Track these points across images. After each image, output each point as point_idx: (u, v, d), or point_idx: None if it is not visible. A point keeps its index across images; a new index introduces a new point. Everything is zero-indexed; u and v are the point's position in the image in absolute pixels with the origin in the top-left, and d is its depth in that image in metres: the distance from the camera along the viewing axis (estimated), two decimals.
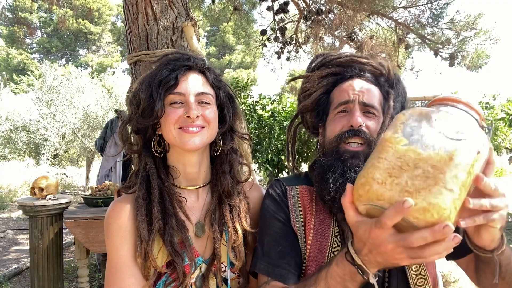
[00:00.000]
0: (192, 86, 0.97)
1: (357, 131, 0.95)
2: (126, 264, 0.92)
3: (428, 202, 0.56)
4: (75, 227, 2.49)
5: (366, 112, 0.98)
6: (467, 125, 0.63)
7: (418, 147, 0.61)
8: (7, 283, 3.78)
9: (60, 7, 6.10)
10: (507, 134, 9.15)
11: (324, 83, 1.06)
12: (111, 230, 0.95)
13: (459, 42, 5.30)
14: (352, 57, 1.05)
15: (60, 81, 9.36)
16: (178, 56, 1.02)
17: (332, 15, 5.41)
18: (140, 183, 0.99)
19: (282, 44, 6.29)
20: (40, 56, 26.96)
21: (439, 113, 0.64)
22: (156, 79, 0.96)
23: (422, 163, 0.59)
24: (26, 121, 9.41)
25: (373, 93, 1.00)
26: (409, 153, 0.61)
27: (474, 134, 0.62)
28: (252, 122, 7.89)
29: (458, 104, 0.68)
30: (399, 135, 0.64)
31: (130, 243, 0.93)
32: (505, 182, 10.22)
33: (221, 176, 1.05)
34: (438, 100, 0.71)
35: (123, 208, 0.96)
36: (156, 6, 3.42)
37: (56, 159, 11.30)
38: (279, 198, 1.03)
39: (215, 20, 6.68)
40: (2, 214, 7.70)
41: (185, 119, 0.95)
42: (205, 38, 29.16)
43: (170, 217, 0.95)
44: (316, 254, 0.95)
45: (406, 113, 0.67)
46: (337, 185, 0.92)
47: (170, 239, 0.93)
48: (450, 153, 0.59)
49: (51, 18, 25.45)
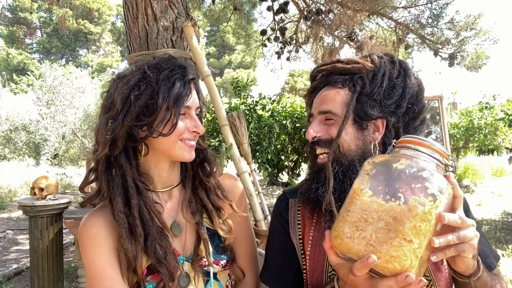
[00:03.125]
0: (194, 99, 1.00)
1: (317, 142, 0.97)
2: (105, 274, 0.91)
3: (390, 255, 0.63)
4: (75, 227, 2.49)
5: (326, 120, 0.97)
6: (425, 172, 0.66)
7: (381, 199, 0.66)
8: (7, 283, 3.79)
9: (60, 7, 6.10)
10: (507, 134, 9.16)
11: (309, 99, 1.09)
12: (84, 244, 0.94)
13: (459, 42, 5.30)
14: (318, 67, 1.05)
15: (60, 81, 9.38)
16: (183, 66, 1.01)
17: (332, 15, 5.41)
18: (117, 195, 0.93)
19: (282, 44, 6.29)
20: (40, 56, 26.98)
21: (400, 160, 0.69)
22: (173, 91, 0.92)
23: (384, 214, 0.65)
24: (26, 121, 9.42)
25: (332, 98, 0.96)
26: (373, 205, 0.67)
27: (432, 180, 0.65)
28: (252, 122, 7.89)
29: (419, 147, 0.71)
30: (365, 187, 0.69)
31: (104, 252, 0.92)
32: (505, 182, 10.22)
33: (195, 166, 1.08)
34: (401, 142, 0.74)
35: (95, 221, 0.95)
36: (156, 6, 3.42)
37: (56, 159, 11.31)
38: (279, 214, 1.08)
39: (215, 20, 6.68)
40: (2, 214, 7.70)
41: (190, 133, 0.98)
42: (205, 38, 29.17)
43: (151, 228, 0.94)
44: (315, 264, 0.98)
45: (371, 162, 0.72)
46: (303, 198, 0.98)
47: (154, 251, 0.92)
48: (409, 205, 0.64)
49: (51, 18, 25.46)
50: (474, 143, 9.40)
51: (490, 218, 6.40)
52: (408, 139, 0.73)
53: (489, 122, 8.91)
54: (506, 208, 7.01)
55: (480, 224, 5.93)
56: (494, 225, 5.78)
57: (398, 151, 0.73)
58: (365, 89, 0.94)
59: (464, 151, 10.87)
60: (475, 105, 9.86)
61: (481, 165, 10.45)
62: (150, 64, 0.97)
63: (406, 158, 0.69)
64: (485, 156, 12.01)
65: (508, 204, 7.34)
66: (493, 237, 5.10)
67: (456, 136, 9.42)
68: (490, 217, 6.43)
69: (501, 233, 5.39)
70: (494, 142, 9.10)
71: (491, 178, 10.52)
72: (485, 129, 8.96)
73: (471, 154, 11.50)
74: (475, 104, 9.87)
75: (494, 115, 9.01)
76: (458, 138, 9.48)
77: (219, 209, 1.06)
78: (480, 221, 6.15)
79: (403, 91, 0.96)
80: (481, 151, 11.44)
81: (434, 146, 0.70)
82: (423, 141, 0.71)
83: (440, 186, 0.65)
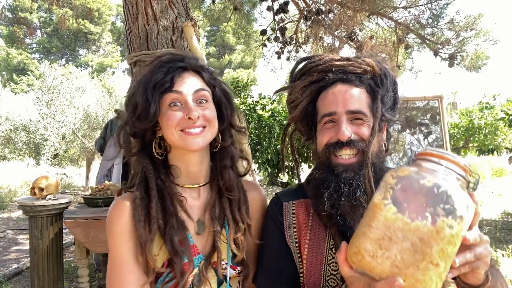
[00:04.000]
0: (188, 86, 0.97)
1: (346, 143, 0.91)
2: (127, 262, 0.93)
3: (416, 278, 0.61)
4: (75, 227, 2.49)
5: (354, 119, 0.93)
6: (452, 191, 0.63)
7: (406, 217, 0.63)
8: (7, 283, 3.79)
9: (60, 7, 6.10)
10: (507, 134, 9.16)
11: (308, 93, 1.01)
12: (113, 228, 0.96)
13: (459, 42, 5.30)
14: (331, 62, 0.98)
15: (60, 81, 9.36)
16: (171, 58, 1.02)
17: (332, 15, 5.41)
18: (138, 183, 1.00)
19: (282, 44, 6.29)
20: (40, 56, 26.97)
21: (426, 178, 0.65)
22: (151, 82, 0.96)
23: (410, 234, 0.62)
24: (26, 121, 9.41)
25: (358, 97, 0.94)
26: (397, 223, 0.63)
27: (460, 201, 0.62)
28: (252, 122, 7.89)
29: (444, 162, 0.67)
30: (388, 202, 0.65)
31: (131, 241, 0.94)
32: (505, 182, 10.22)
33: (223, 170, 1.06)
34: (425, 154, 0.71)
35: (124, 206, 0.97)
36: (156, 6, 3.42)
37: (56, 159, 11.30)
38: (274, 217, 1.05)
39: (215, 20, 6.68)
40: (2, 214, 7.70)
41: (186, 121, 0.95)
42: (205, 38, 29.15)
43: (171, 216, 0.96)
44: (312, 268, 0.97)
45: (395, 176, 0.68)
46: (332, 201, 0.91)
47: (171, 238, 0.94)
48: (437, 227, 0.61)
49: (51, 18, 25.46)
50: (474, 143, 9.41)
51: (490, 218, 6.39)
52: (432, 152, 0.69)
53: (489, 122, 8.91)
54: (506, 208, 7.01)
55: (480, 224, 5.94)
56: (494, 225, 5.77)
57: (421, 164, 0.69)
58: (383, 93, 0.96)
59: (464, 151, 10.87)
60: (475, 105, 9.87)
61: (481, 165, 10.46)
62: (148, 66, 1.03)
63: (432, 173, 0.65)
64: (485, 156, 12.00)
65: (508, 204, 7.34)
66: (493, 237, 5.10)
67: (456, 136, 9.43)
68: (490, 217, 6.43)
69: (501, 233, 5.39)
70: (494, 142, 9.10)
71: (491, 178, 10.52)
72: (485, 129, 8.96)
73: (471, 154, 11.50)
74: (475, 104, 9.88)
75: (494, 115, 9.01)
76: (458, 138, 9.48)
77: (237, 224, 1.04)
78: (480, 221, 6.14)
79: (395, 97, 1.00)
80: (481, 151, 11.44)
81: (460, 162, 0.67)
82: (447, 155, 0.67)
83: (467, 206, 0.63)
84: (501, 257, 4.08)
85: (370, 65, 0.97)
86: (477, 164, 10.52)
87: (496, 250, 4.41)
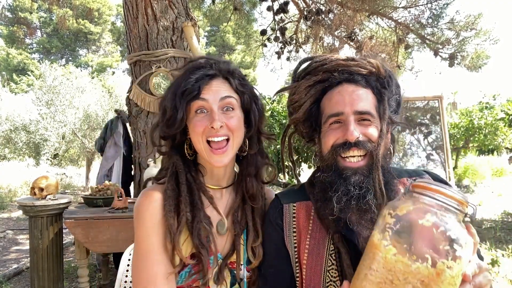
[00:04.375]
0: (215, 93, 0.99)
1: (354, 143, 0.89)
2: (156, 251, 0.94)
3: None
4: (75, 227, 2.49)
5: (361, 120, 0.91)
6: (452, 231, 0.63)
7: (406, 259, 0.63)
8: (7, 283, 3.79)
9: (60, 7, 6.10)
10: (507, 134, 9.14)
11: (312, 93, 0.99)
12: (143, 217, 0.97)
13: (459, 42, 5.30)
14: (337, 61, 0.96)
15: (60, 81, 9.35)
16: (202, 63, 1.03)
17: (332, 15, 5.41)
18: (169, 176, 1.02)
19: (282, 44, 6.29)
20: (40, 56, 26.96)
21: (425, 217, 0.65)
22: (180, 89, 0.98)
23: (411, 277, 0.62)
24: (26, 121, 9.40)
25: (365, 98, 0.92)
26: (398, 265, 0.63)
27: (459, 241, 0.63)
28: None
29: (438, 196, 0.68)
30: (388, 243, 0.66)
31: (161, 231, 0.96)
32: (505, 182, 10.22)
33: (247, 178, 1.08)
34: (420, 187, 0.70)
35: (155, 197, 0.99)
36: (156, 6, 3.42)
37: (56, 159, 11.30)
38: (274, 221, 1.02)
39: (215, 20, 6.68)
40: (2, 214, 7.70)
41: (210, 129, 0.97)
42: (205, 38, 29.14)
43: (198, 211, 0.99)
44: (312, 273, 0.95)
45: (393, 214, 0.68)
46: (341, 205, 0.88)
47: (198, 232, 0.96)
48: (437, 269, 0.61)
49: (51, 18, 25.44)
50: (474, 143, 9.39)
51: (490, 218, 6.40)
52: (429, 187, 0.69)
53: (489, 122, 8.89)
54: (506, 208, 7.01)
55: (480, 224, 5.94)
56: (494, 225, 5.77)
57: (418, 199, 0.69)
58: (388, 94, 0.95)
59: (464, 151, 10.86)
60: (475, 105, 9.85)
61: (481, 165, 10.46)
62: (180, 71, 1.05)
63: (429, 211, 0.65)
64: (485, 156, 12.00)
65: (508, 204, 7.34)
66: (493, 237, 5.10)
67: (456, 136, 9.41)
68: (490, 217, 6.43)
69: (501, 233, 5.39)
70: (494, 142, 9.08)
71: (491, 178, 10.52)
72: (485, 129, 8.95)
73: (471, 154, 11.49)
74: (475, 104, 9.86)
75: (494, 115, 8.99)
76: (458, 138, 9.47)
77: (257, 232, 1.05)
78: (480, 221, 6.15)
79: (400, 99, 0.99)
80: (481, 151, 11.43)
81: (456, 196, 0.67)
82: (444, 190, 0.67)
83: (465, 243, 0.63)
84: (501, 257, 4.07)
85: (376, 66, 0.95)
86: (477, 164, 10.52)
87: (496, 250, 4.41)
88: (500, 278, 3.54)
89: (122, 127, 3.80)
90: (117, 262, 3.28)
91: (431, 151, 4.61)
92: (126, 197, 2.74)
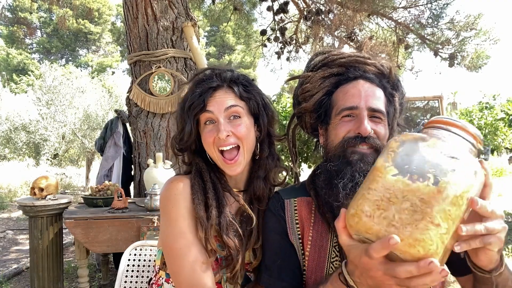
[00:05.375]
0: (219, 104, 1.01)
1: (366, 138, 0.92)
2: (192, 234, 0.96)
3: (414, 238, 0.56)
4: (75, 227, 2.49)
5: (373, 117, 0.94)
6: (458, 153, 0.61)
7: (407, 178, 0.60)
8: (7, 283, 3.79)
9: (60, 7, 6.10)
10: (507, 134, 9.14)
11: (327, 84, 1.02)
12: (176, 199, 0.99)
13: (459, 42, 5.30)
14: (356, 57, 1.00)
15: (60, 81, 9.36)
16: (207, 75, 1.05)
17: (332, 15, 5.41)
18: (194, 173, 1.05)
19: (282, 44, 6.29)
20: (40, 56, 26.96)
21: (430, 140, 0.63)
22: (187, 103, 1.03)
23: (410, 195, 0.59)
24: (25, 121, 9.40)
25: (378, 97, 0.96)
26: (398, 184, 0.61)
27: (465, 163, 0.60)
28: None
29: (451, 128, 0.66)
30: (390, 164, 0.63)
31: (192, 217, 0.98)
32: (505, 182, 10.22)
33: (255, 180, 1.10)
34: (432, 122, 0.69)
35: (186, 182, 1.02)
36: (156, 6, 3.42)
37: (56, 159, 11.31)
38: (276, 213, 1.03)
39: (215, 20, 6.69)
40: (2, 214, 7.70)
41: (218, 139, 1.00)
42: (205, 38, 29.14)
43: (224, 207, 1.01)
44: (315, 265, 0.96)
45: (398, 140, 0.66)
46: (346, 191, 0.90)
47: (227, 227, 0.98)
48: (439, 186, 0.58)
49: (51, 18, 25.45)
50: None
51: None
52: (440, 119, 0.67)
53: (489, 122, 8.88)
54: (506, 208, 7.00)
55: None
56: None
57: (427, 131, 0.67)
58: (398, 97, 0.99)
59: None
60: (475, 105, 9.84)
61: None
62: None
63: (437, 138, 0.63)
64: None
65: (508, 204, 7.34)
66: None
67: None
68: None
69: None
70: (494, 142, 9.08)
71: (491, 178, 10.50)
72: (485, 129, 8.94)
73: None
74: (475, 104, 9.85)
75: (494, 115, 8.98)
76: None
77: (259, 233, 1.07)
78: None
79: (403, 103, 1.03)
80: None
81: (468, 129, 0.65)
82: (456, 122, 0.65)
83: (474, 169, 0.60)
84: None
85: (389, 68, 1.00)
86: None
87: None
88: None
89: (122, 127, 3.80)
90: (117, 262, 3.28)
91: None
92: (126, 197, 2.74)
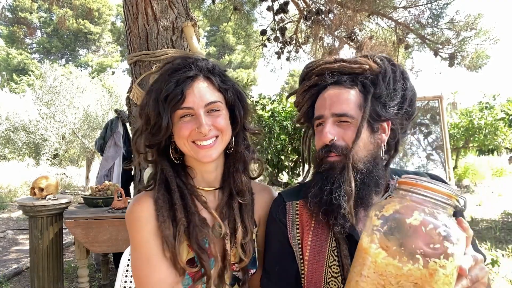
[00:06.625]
0: (199, 98, 0.94)
1: (331, 146, 0.93)
2: (158, 256, 0.92)
3: None
4: (75, 227, 2.49)
5: (341, 122, 0.94)
6: (442, 228, 0.60)
7: (397, 261, 0.60)
8: (7, 283, 3.79)
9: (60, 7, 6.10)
10: (507, 134, 9.14)
11: (308, 97, 1.03)
12: (139, 222, 0.95)
13: (459, 42, 5.30)
14: (324, 65, 0.99)
15: (60, 81, 9.36)
16: (181, 64, 0.97)
17: (332, 15, 5.41)
18: (158, 184, 0.99)
19: (282, 44, 6.29)
20: (40, 56, 26.96)
21: (413, 216, 0.62)
22: (162, 94, 0.93)
23: (404, 280, 0.60)
24: (25, 121, 9.41)
25: (346, 99, 0.94)
26: (389, 268, 0.61)
27: (450, 237, 0.60)
28: (252, 122, 7.88)
29: (424, 191, 0.65)
30: (377, 246, 0.63)
31: (157, 238, 0.94)
32: (505, 182, 10.22)
33: (235, 174, 1.05)
34: (405, 184, 0.68)
35: (147, 204, 0.97)
36: (156, 6, 3.42)
37: (56, 159, 11.30)
38: (277, 218, 1.04)
39: (215, 20, 6.68)
40: (2, 214, 7.70)
41: (197, 133, 0.94)
42: (205, 38, 29.14)
43: (193, 215, 0.96)
44: (314, 269, 0.96)
45: (380, 215, 0.65)
46: (315, 200, 0.93)
47: (196, 237, 0.94)
48: (430, 269, 0.58)
49: (51, 18, 25.44)
50: (474, 143, 9.39)
51: (490, 218, 6.39)
52: (414, 182, 0.66)
53: (489, 122, 8.89)
54: (506, 208, 7.00)
55: (480, 224, 5.94)
56: (494, 225, 5.77)
57: (405, 196, 0.67)
58: (377, 91, 0.94)
59: (464, 151, 10.87)
60: (475, 105, 9.84)
61: (481, 165, 10.46)
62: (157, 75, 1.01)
63: (417, 209, 0.63)
64: (485, 156, 12.00)
65: (508, 204, 7.34)
66: (493, 237, 5.10)
67: (456, 136, 9.41)
68: (490, 217, 6.43)
69: (501, 233, 5.39)
70: (494, 142, 9.08)
71: (491, 178, 10.52)
72: (485, 129, 8.94)
73: (471, 154, 11.49)
74: (475, 104, 9.85)
75: (494, 115, 8.99)
76: (458, 138, 9.46)
77: (247, 229, 1.03)
78: (480, 221, 6.15)
79: (404, 93, 0.98)
80: (481, 151, 11.44)
81: (443, 190, 0.64)
82: (430, 184, 0.64)
83: (457, 238, 0.60)
84: (501, 257, 4.07)
85: (364, 63, 0.96)
86: (477, 164, 10.52)
87: (496, 250, 4.41)
88: (500, 278, 3.54)
89: (122, 127, 3.80)
90: (117, 262, 3.28)
91: (431, 151, 4.62)
92: (126, 197, 2.74)
